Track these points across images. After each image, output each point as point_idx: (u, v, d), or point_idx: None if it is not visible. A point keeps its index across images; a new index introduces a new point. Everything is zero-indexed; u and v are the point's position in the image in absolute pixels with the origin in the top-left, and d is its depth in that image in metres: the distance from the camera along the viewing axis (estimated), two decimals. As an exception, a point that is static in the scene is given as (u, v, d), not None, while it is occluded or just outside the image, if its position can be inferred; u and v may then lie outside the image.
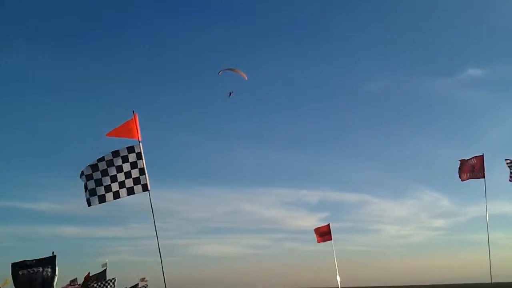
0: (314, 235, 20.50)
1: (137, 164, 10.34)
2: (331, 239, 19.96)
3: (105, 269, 31.08)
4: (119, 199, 10.17)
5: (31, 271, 9.24)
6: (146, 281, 36.59)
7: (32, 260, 9.31)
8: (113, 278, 28.12)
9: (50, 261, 9.08)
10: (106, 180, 10.15)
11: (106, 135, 10.25)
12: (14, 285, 9.56)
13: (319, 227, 20.65)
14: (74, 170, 9.95)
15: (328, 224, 20.37)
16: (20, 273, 9.40)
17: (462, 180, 20.64)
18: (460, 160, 20.67)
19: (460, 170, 20.76)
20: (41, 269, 9.00)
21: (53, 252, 9.25)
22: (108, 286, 27.57)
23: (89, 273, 33.47)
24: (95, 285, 28.17)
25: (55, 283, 9.07)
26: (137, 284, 33.58)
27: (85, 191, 10.09)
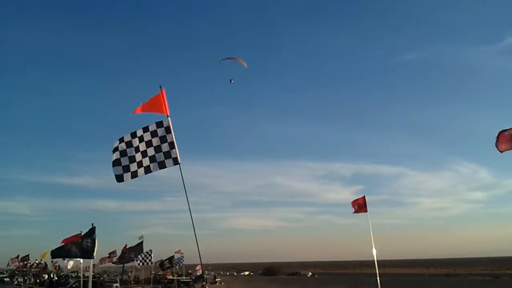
0: (350, 206, 20.51)
1: (166, 138, 10.40)
2: (366, 211, 19.91)
3: (142, 242, 31.86)
4: (151, 173, 10.36)
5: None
6: (182, 253, 37.56)
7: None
8: (150, 250, 28.85)
9: (90, 233, 9.37)
10: (138, 156, 10.30)
11: (134, 111, 10.36)
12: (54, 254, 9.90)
13: (354, 200, 20.65)
14: (110, 145, 10.13)
15: (363, 196, 20.32)
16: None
17: (500, 151, 20.15)
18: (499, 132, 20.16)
19: (499, 140, 20.24)
20: (80, 240, 9.32)
21: (92, 224, 9.54)
22: (145, 258, 28.27)
23: (126, 245, 34.48)
24: (132, 256, 28.96)
25: (94, 254, 9.39)
26: (173, 256, 34.37)
27: (116, 166, 10.21)
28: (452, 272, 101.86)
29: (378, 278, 17.70)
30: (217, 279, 71.93)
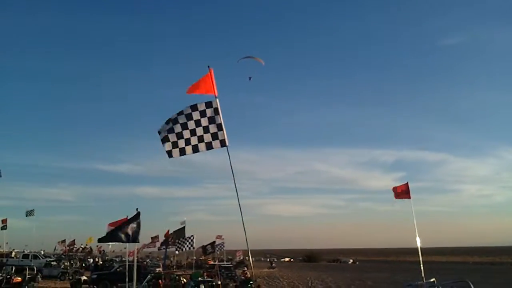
0: (392, 193, 20.16)
1: (215, 119, 10.34)
2: (409, 197, 19.50)
3: (184, 227, 32.29)
4: (198, 153, 10.32)
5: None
6: (223, 239, 37.91)
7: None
8: (192, 236, 29.17)
9: (135, 217, 9.51)
10: (186, 134, 10.25)
11: (187, 92, 10.28)
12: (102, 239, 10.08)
13: (397, 186, 20.29)
14: (151, 133, 10.15)
15: (407, 183, 19.92)
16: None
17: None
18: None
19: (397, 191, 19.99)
20: (126, 225, 9.47)
21: (137, 209, 9.66)
22: (187, 243, 28.63)
23: (168, 230, 35.05)
24: (175, 241, 29.38)
25: (139, 238, 9.52)
26: (214, 242, 34.62)
27: (165, 142, 10.21)
28: (498, 261, 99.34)
29: (421, 266, 17.33)
30: (273, 264, 73.88)
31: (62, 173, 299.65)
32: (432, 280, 12.51)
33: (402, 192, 19.69)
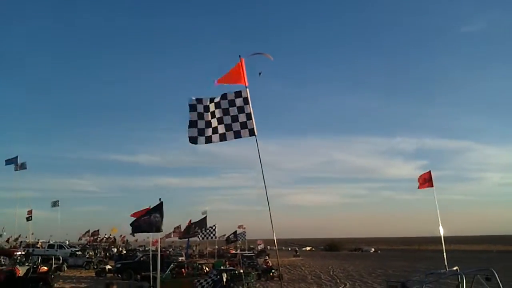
0: (414, 182, 20.08)
1: (244, 108, 10.33)
2: (432, 186, 19.37)
3: (205, 217, 32.53)
4: (225, 141, 10.32)
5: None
6: (244, 228, 38.12)
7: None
8: (214, 225, 29.39)
9: (158, 207, 9.63)
10: (214, 122, 10.28)
11: (217, 82, 10.24)
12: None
13: (420, 175, 20.18)
14: (171, 124, 10.20)
15: (429, 171, 19.79)
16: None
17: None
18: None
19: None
20: (149, 215, 9.60)
21: (160, 199, 9.78)
22: (210, 233, 28.85)
23: (190, 220, 35.35)
24: (197, 231, 29.63)
25: (162, 227, 9.66)
26: (236, 231, 34.79)
27: (192, 127, 10.17)
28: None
29: (444, 254, 17.26)
30: (298, 253, 74.96)
31: (87, 164, 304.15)
32: (455, 268, 12.43)
33: (425, 181, 19.58)
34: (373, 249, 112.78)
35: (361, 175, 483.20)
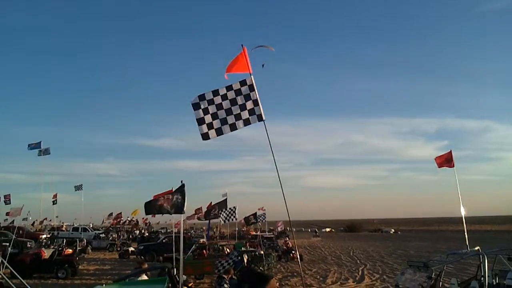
0: (435, 163, 19.88)
1: (250, 96, 10.46)
2: (453, 166, 19.18)
3: (226, 199, 32.70)
4: (235, 131, 10.51)
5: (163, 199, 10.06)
6: (264, 210, 38.26)
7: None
8: (234, 207, 29.51)
9: (180, 189, 9.76)
10: (222, 114, 10.38)
11: (227, 73, 10.38)
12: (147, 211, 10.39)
13: (440, 155, 19.97)
14: (191, 107, 10.28)
15: (450, 151, 19.58)
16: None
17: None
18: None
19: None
20: (171, 196, 9.74)
21: (181, 181, 9.92)
22: (230, 214, 29.03)
23: (211, 202, 35.61)
24: (218, 213, 29.82)
25: (184, 209, 9.79)
26: (256, 213, 34.92)
27: (201, 125, 10.36)
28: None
29: (466, 234, 17.17)
30: (317, 233, 75.84)
31: (109, 148, 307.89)
32: (476, 248, 12.41)
33: (445, 161, 19.38)
34: (393, 230, 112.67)
35: (381, 156, 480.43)
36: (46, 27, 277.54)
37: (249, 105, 10.51)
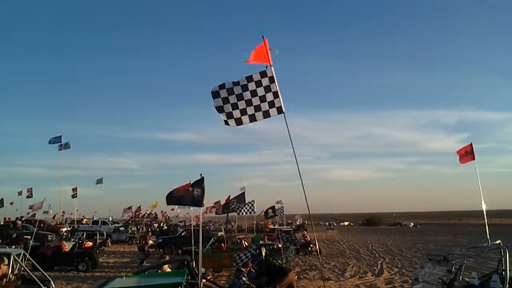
0: (455, 156, 19.63)
1: (270, 87, 10.48)
2: (473, 159, 18.91)
3: (244, 192, 32.79)
4: (256, 122, 10.52)
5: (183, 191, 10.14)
6: (282, 203, 38.25)
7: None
8: (252, 200, 29.60)
9: (199, 182, 9.83)
10: (242, 104, 10.45)
11: (244, 61, 10.38)
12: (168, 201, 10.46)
13: (460, 148, 19.70)
14: (209, 101, 10.34)
15: (471, 144, 19.30)
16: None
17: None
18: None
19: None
20: (190, 189, 9.81)
21: (201, 174, 9.98)
22: (248, 207, 29.12)
23: (229, 196, 35.73)
24: (236, 206, 29.94)
25: (204, 202, 9.84)
26: (274, 206, 34.96)
27: (221, 113, 10.46)
28: None
29: (487, 228, 16.97)
30: (332, 226, 76.37)
31: (127, 143, 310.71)
32: (497, 242, 12.26)
33: (466, 154, 19.13)
34: (412, 224, 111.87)
35: (400, 149, 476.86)
36: (72, 27, 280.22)
37: (269, 97, 10.54)
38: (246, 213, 29.46)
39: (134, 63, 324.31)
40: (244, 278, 13.18)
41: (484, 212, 18.81)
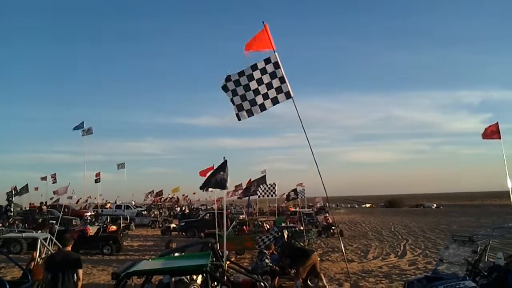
0: (478, 136, 19.34)
1: (276, 73, 10.39)
2: (499, 138, 18.58)
3: (265, 175, 32.88)
4: (266, 110, 10.49)
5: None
6: (303, 186, 38.23)
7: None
8: (274, 183, 29.66)
9: (223, 166, 9.91)
10: (250, 95, 10.41)
11: (245, 50, 10.24)
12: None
13: (487, 127, 19.37)
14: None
15: (497, 123, 18.95)
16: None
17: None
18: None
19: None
20: (216, 173, 9.92)
21: (224, 157, 10.05)
22: (270, 190, 29.20)
23: (250, 179, 35.89)
24: (257, 189, 30.04)
25: (227, 184, 9.91)
26: (295, 189, 35.05)
27: (233, 105, 10.49)
28: None
29: (512, 209, 16.72)
30: (339, 207, 77.25)
31: (149, 128, 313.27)
32: (523, 222, 12.12)
33: (492, 133, 18.80)
34: (435, 205, 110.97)
35: (422, 130, 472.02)
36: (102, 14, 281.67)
37: (276, 83, 10.47)
38: (267, 196, 29.57)
39: (157, 48, 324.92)
40: (267, 260, 13.27)
41: (510, 192, 18.51)
